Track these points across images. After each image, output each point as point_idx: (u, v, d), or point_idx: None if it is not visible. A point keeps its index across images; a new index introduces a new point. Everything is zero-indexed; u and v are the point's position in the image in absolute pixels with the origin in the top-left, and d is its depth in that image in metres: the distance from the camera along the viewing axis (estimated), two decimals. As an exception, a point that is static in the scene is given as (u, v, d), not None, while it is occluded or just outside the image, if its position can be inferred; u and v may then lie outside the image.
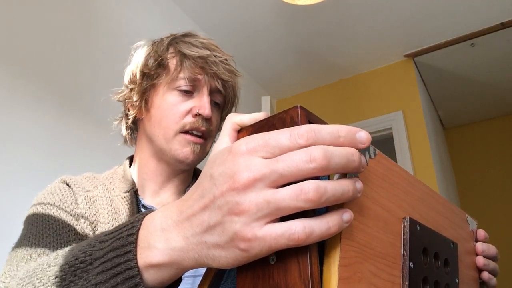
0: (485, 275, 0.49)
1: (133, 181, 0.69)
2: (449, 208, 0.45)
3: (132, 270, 0.29)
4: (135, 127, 0.75)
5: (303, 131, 0.25)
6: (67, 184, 0.64)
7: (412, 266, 0.33)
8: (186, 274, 0.61)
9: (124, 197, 0.65)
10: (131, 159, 0.76)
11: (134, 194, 0.67)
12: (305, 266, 0.25)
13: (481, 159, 3.52)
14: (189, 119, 0.66)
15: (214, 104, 0.71)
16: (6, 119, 1.20)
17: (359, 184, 0.27)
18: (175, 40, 0.71)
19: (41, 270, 0.34)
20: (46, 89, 1.35)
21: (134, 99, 0.69)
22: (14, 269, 0.40)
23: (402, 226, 0.34)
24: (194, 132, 0.66)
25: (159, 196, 0.70)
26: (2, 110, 1.19)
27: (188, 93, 0.67)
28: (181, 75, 0.66)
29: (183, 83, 0.66)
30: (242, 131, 0.33)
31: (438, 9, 2.25)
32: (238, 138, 0.33)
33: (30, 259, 0.51)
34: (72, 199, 0.61)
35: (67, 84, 1.43)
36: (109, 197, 0.64)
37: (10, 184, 1.16)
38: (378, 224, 0.31)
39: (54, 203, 0.60)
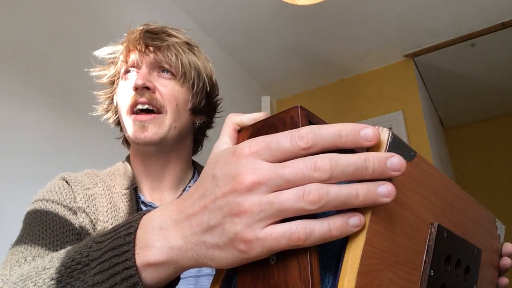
0: (504, 281, 0.48)
1: (134, 177, 0.69)
2: (480, 212, 0.44)
3: (130, 270, 0.29)
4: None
5: (303, 133, 0.25)
6: (66, 182, 0.64)
7: (432, 274, 0.31)
8: (189, 274, 0.61)
9: (124, 194, 0.64)
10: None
11: (134, 190, 0.67)
12: (305, 266, 0.25)
13: (481, 159, 3.52)
14: (132, 96, 0.67)
15: (165, 77, 0.69)
16: (6, 119, 1.20)
17: (383, 189, 0.25)
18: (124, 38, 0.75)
19: (35, 273, 0.33)
20: (46, 89, 1.35)
21: (104, 106, 0.76)
22: (7, 274, 0.39)
23: (429, 232, 0.32)
24: (140, 106, 0.65)
25: (156, 191, 0.70)
26: (2, 110, 1.19)
27: (131, 75, 0.70)
28: (121, 63, 0.71)
29: (123, 68, 0.70)
30: (242, 131, 0.33)
31: (438, 9, 2.25)
32: (238, 138, 0.33)
33: (24, 262, 0.50)
34: (71, 198, 0.61)
35: (67, 84, 1.43)
36: (109, 194, 0.63)
37: (10, 185, 1.15)
38: (405, 230, 0.30)
39: (53, 199, 0.60)
